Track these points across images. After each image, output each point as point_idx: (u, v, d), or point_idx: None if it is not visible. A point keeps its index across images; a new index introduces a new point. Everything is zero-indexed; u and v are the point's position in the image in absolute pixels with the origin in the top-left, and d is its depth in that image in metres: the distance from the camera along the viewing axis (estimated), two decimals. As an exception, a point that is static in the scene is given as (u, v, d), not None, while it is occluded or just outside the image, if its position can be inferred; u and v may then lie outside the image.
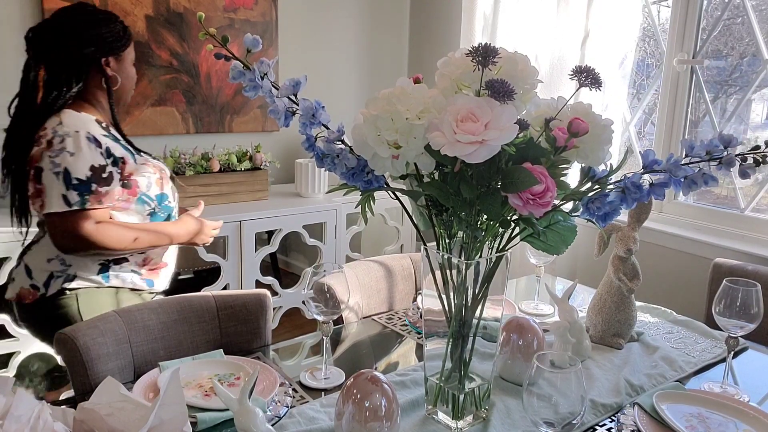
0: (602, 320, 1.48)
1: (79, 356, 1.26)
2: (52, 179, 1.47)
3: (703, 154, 1.00)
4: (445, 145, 0.88)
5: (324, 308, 1.28)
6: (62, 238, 1.50)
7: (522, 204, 0.91)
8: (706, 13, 2.44)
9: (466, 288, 1.06)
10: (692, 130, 2.55)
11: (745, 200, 2.38)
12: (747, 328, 1.27)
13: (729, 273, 1.80)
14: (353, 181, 1.04)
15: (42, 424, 0.86)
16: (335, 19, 3.47)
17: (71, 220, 1.48)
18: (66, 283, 1.56)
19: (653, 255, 2.46)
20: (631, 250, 1.43)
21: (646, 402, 1.16)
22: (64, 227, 1.49)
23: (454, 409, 1.11)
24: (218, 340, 1.46)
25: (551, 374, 0.93)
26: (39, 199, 1.49)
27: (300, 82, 1.00)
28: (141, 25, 2.81)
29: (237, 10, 3.08)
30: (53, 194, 1.47)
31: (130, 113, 2.84)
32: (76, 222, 1.48)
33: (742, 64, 2.42)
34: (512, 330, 1.30)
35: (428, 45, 3.62)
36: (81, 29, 1.56)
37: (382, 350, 1.51)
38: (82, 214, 1.49)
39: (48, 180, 1.47)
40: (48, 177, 1.47)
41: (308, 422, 1.12)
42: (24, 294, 1.57)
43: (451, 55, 0.98)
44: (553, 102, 1.00)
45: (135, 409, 0.91)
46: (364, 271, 1.78)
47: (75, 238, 1.49)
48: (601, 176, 1.01)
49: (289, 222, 2.81)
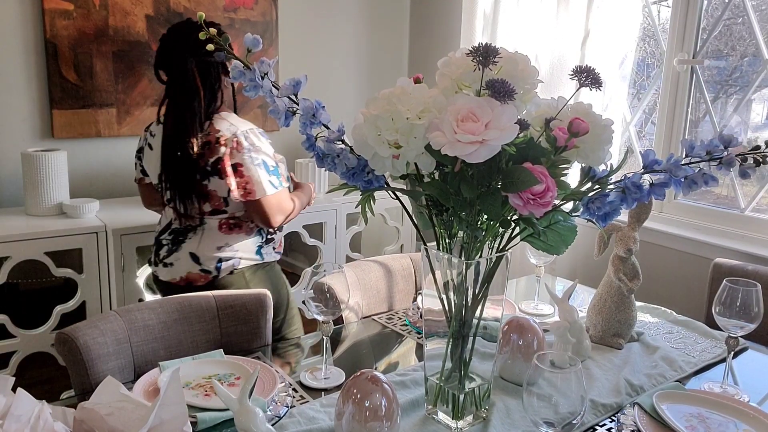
0: (602, 320, 1.48)
1: (79, 356, 1.26)
2: (256, 170, 1.74)
3: (703, 154, 1.00)
4: (446, 145, 0.88)
5: (324, 308, 1.28)
6: (276, 214, 1.79)
7: (522, 204, 0.91)
8: (706, 13, 2.44)
9: (466, 288, 1.06)
10: (692, 130, 2.55)
11: (745, 200, 2.38)
12: (747, 328, 1.27)
13: (729, 273, 1.80)
14: (353, 180, 1.04)
15: (42, 423, 0.86)
16: (335, 18, 3.47)
17: (281, 199, 1.79)
18: (235, 265, 1.81)
19: (653, 255, 2.46)
20: (631, 250, 1.43)
21: (646, 402, 1.16)
22: (277, 205, 1.78)
23: (454, 409, 1.11)
24: (218, 340, 1.46)
25: (551, 374, 0.93)
26: (242, 190, 1.73)
27: (300, 81, 1.00)
28: (141, 25, 2.81)
29: (237, 10, 3.08)
30: (262, 181, 1.74)
31: (130, 113, 2.84)
32: (283, 199, 1.80)
33: (743, 64, 2.42)
34: (512, 330, 1.30)
35: (428, 45, 3.62)
36: None
37: (382, 350, 1.51)
38: (284, 192, 1.81)
39: (252, 172, 1.73)
40: (251, 169, 1.73)
41: (308, 422, 1.12)
42: (194, 278, 1.81)
43: (452, 55, 0.98)
44: (553, 102, 1.00)
45: (135, 409, 0.91)
46: (364, 271, 1.78)
47: (284, 210, 1.81)
48: (601, 176, 1.01)
49: (289, 222, 2.81)
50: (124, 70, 2.80)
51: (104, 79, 2.75)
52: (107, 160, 2.85)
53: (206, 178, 1.75)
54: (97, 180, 2.81)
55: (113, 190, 2.87)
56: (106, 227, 2.33)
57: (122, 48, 2.77)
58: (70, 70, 2.66)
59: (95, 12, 2.68)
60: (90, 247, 2.31)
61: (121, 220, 2.39)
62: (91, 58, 2.70)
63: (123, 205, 2.68)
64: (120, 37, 2.76)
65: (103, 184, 2.81)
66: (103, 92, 2.75)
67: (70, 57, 2.65)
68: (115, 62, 2.76)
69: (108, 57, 2.74)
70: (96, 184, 2.80)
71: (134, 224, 2.38)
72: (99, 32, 2.70)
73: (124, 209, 2.60)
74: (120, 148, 2.87)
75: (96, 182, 2.81)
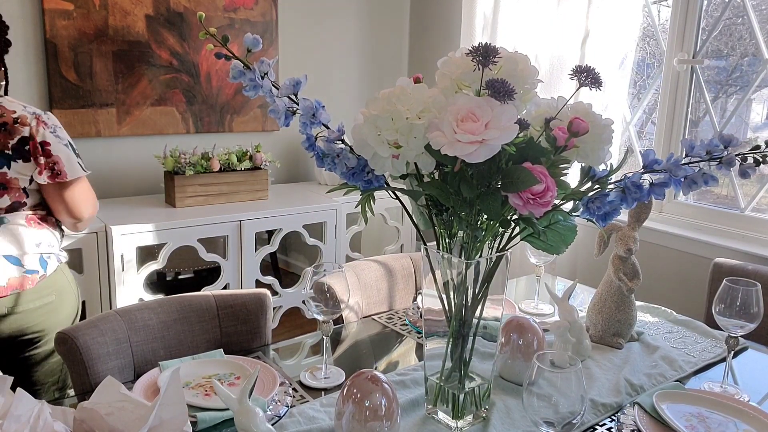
0: (602, 320, 1.48)
1: (79, 356, 1.26)
2: (65, 150, 1.59)
3: (703, 154, 1.00)
4: (446, 145, 0.88)
5: (324, 308, 1.28)
6: (84, 204, 1.65)
7: (522, 204, 0.91)
8: (706, 13, 2.44)
9: (466, 288, 1.06)
10: (692, 130, 2.55)
11: (745, 200, 2.38)
12: (747, 328, 1.27)
13: (729, 273, 1.80)
14: (353, 180, 1.04)
15: (42, 423, 0.86)
16: (335, 18, 3.47)
17: (89, 187, 1.67)
18: (60, 259, 1.67)
19: (653, 255, 2.46)
20: (631, 250, 1.43)
21: (646, 402, 1.16)
22: (87, 193, 1.66)
23: (454, 408, 1.11)
24: (218, 339, 1.46)
25: (551, 374, 0.93)
26: (49, 171, 1.57)
27: (300, 81, 1.00)
28: (141, 25, 2.81)
29: (237, 10, 3.08)
30: (72, 162, 1.59)
31: (130, 113, 2.84)
32: (89, 184, 1.66)
33: (743, 63, 2.42)
34: (512, 330, 1.30)
35: (428, 45, 3.62)
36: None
37: (382, 350, 1.51)
38: (87, 178, 1.67)
39: (61, 152, 1.58)
40: (59, 149, 1.58)
41: (308, 422, 1.12)
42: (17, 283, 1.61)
43: (452, 55, 0.98)
44: (553, 102, 1.00)
45: (135, 408, 0.91)
46: (364, 271, 1.78)
47: (92, 202, 1.68)
48: (601, 176, 1.01)
49: (289, 222, 2.81)
50: (124, 70, 2.80)
51: (104, 78, 2.75)
52: (107, 159, 2.85)
53: (4, 164, 1.53)
54: (96, 180, 2.80)
55: (113, 190, 2.87)
56: (106, 227, 2.33)
57: (122, 48, 2.78)
58: (70, 69, 2.66)
59: (95, 12, 2.68)
60: (90, 247, 2.31)
61: (121, 220, 2.40)
62: (90, 58, 2.70)
63: (123, 205, 2.68)
64: (120, 37, 2.76)
65: (103, 184, 2.81)
66: (102, 92, 2.75)
67: (70, 57, 2.65)
68: (115, 62, 2.77)
69: (108, 57, 2.74)
70: (96, 184, 2.78)
71: (134, 224, 2.38)
72: (99, 32, 2.70)
73: (123, 209, 2.61)
74: (120, 147, 2.87)
75: (96, 182, 2.79)
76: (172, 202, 2.69)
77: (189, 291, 1.56)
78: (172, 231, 2.48)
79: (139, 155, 2.92)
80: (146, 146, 2.93)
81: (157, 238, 2.45)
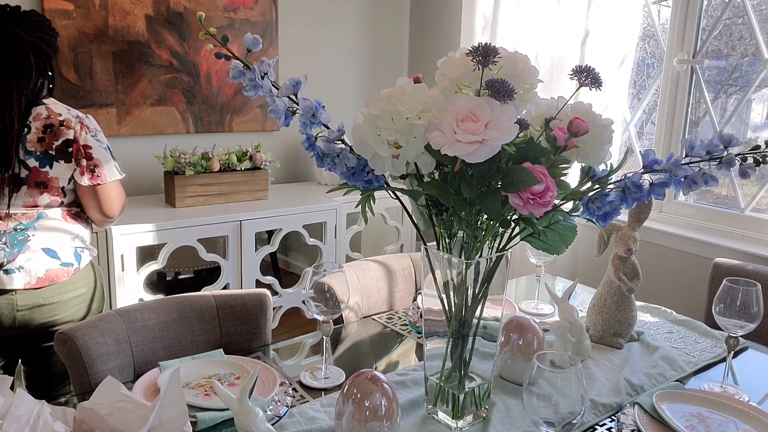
0: (602, 320, 1.48)
1: (79, 356, 1.26)
2: (104, 154, 1.67)
3: (703, 154, 1.00)
4: (446, 145, 0.88)
5: (324, 308, 1.28)
6: (116, 203, 1.73)
7: (522, 204, 0.91)
8: (706, 13, 2.44)
9: (466, 288, 1.06)
10: (692, 130, 2.55)
11: (745, 200, 2.38)
12: (747, 328, 1.27)
13: (729, 273, 1.80)
14: (353, 180, 1.04)
15: (42, 424, 0.86)
16: (335, 18, 3.47)
17: (122, 189, 1.75)
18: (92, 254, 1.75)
19: (653, 255, 2.46)
20: (631, 250, 1.43)
21: (646, 402, 1.16)
22: (120, 194, 1.74)
23: (454, 408, 1.11)
24: (218, 339, 1.46)
25: (551, 374, 0.93)
26: (89, 173, 1.65)
27: (300, 81, 1.00)
28: (141, 25, 2.81)
29: (237, 10, 3.08)
30: (110, 165, 1.68)
31: (130, 113, 2.84)
32: (121, 186, 1.75)
33: (743, 63, 2.42)
34: (512, 330, 1.30)
35: (428, 45, 3.62)
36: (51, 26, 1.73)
37: (382, 350, 1.51)
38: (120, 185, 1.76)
39: (101, 155, 1.66)
40: (99, 152, 1.66)
41: (308, 422, 1.12)
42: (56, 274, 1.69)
43: (451, 55, 0.98)
44: (553, 102, 1.00)
45: (135, 409, 0.91)
46: (364, 271, 1.78)
47: (122, 202, 1.76)
48: (601, 176, 1.01)
49: (289, 222, 2.81)
50: (124, 70, 2.80)
51: (104, 78, 2.75)
52: (107, 160, 2.84)
53: (47, 164, 1.59)
54: (97, 180, 2.81)
55: (113, 190, 2.87)
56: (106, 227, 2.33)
57: (122, 48, 2.78)
58: (69, 69, 2.66)
59: (95, 12, 2.68)
60: (90, 247, 2.31)
61: (121, 220, 2.39)
62: (90, 58, 2.70)
63: (123, 205, 2.68)
64: (120, 37, 2.76)
65: (103, 184, 2.81)
66: (102, 92, 2.75)
67: (70, 57, 2.65)
68: (114, 62, 2.77)
69: (108, 57, 2.74)
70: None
71: (134, 224, 2.38)
72: (99, 32, 2.70)
73: (124, 209, 2.60)
74: (120, 148, 2.87)
75: (96, 182, 2.80)
76: (172, 202, 2.69)
77: (189, 291, 1.56)
78: (172, 231, 2.48)
79: (139, 155, 2.92)
80: (146, 146, 2.93)
81: (157, 238, 2.45)
